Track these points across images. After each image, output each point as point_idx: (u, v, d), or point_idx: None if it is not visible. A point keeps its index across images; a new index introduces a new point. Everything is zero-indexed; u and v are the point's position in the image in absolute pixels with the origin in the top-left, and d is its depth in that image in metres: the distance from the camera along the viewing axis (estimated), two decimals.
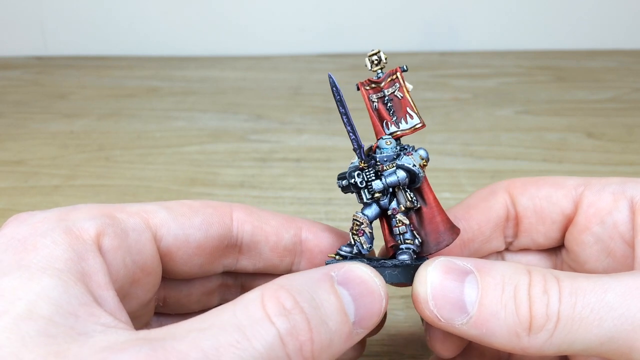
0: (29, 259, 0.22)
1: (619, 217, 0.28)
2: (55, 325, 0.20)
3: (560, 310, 0.23)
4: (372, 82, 0.29)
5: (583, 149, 0.63)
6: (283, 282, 0.22)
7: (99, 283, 0.22)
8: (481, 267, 0.24)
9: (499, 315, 0.23)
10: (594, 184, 0.29)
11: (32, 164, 0.62)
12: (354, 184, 0.27)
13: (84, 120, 0.73)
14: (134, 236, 0.25)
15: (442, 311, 0.24)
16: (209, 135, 0.68)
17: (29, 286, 0.20)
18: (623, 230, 0.28)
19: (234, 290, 0.32)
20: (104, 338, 0.20)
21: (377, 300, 0.24)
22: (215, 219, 0.28)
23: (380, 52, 0.29)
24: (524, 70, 0.87)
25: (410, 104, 0.29)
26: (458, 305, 0.24)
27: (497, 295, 0.23)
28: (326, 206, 0.53)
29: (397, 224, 0.28)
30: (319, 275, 0.23)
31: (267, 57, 0.94)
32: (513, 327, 0.23)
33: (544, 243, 0.31)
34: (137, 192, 0.56)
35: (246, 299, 0.21)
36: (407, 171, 0.27)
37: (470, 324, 0.24)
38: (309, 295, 0.22)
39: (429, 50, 0.95)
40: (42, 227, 0.23)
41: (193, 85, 0.84)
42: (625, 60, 0.89)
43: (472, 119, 0.71)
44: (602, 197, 0.29)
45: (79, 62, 0.94)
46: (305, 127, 0.70)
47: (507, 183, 0.32)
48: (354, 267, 0.24)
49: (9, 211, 0.53)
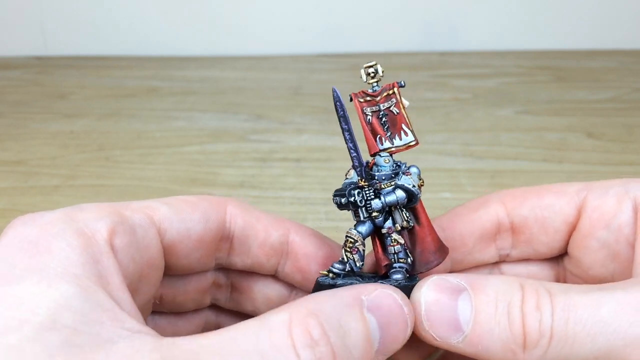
0: (45, 263, 0.21)
1: (623, 219, 0.28)
2: (79, 335, 0.19)
3: (553, 327, 0.23)
4: (367, 95, 0.29)
5: (583, 149, 0.63)
6: (312, 307, 0.22)
7: (116, 285, 0.22)
8: (474, 284, 0.24)
9: (494, 332, 0.23)
10: (596, 188, 0.29)
11: (32, 164, 0.62)
12: (353, 202, 0.27)
13: (84, 120, 0.73)
14: (140, 232, 0.26)
15: (438, 330, 0.24)
16: (209, 135, 0.68)
17: (49, 293, 0.20)
18: (628, 232, 0.28)
19: (225, 289, 0.32)
20: (130, 344, 0.20)
21: (403, 328, 0.24)
22: (213, 212, 0.29)
23: (377, 65, 0.28)
24: (524, 70, 0.87)
25: (405, 120, 0.28)
26: (453, 324, 0.24)
27: (490, 313, 0.24)
28: (326, 206, 0.53)
29: (392, 242, 0.27)
30: (350, 299, 0.23)
31: (267, 57, 0.94)
32: (508, 344, 0.23)
33: (546, 252, 0.31)
34: (137, 192, 0.56)
35: (272, 321, 0.21)
36: (406, 191, 0.27)
37: (466, 342, 0.24)
38: (338, 324, 0.22)
39: (429, 50, 0.94)
40: (53, 229, 0.23)
41: (193, 85, 0.84)
42: (625, 60, 0.89)
43: (472, 119, 0.71)
44: (606, 200, 0.28)
45: (79, 62, 0.94)
46: (305, 127, 0.70)
47: (504, 194, 0.31)
48: (385, 294, 0.24)
49: (9, 211, 0.53)
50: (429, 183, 0.28)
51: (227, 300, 0.32)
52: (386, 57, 0.92)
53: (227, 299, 0.32)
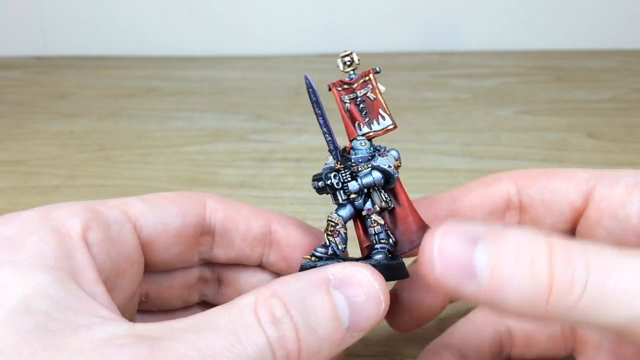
0: (19, 256, 0.22)
1: (632, 210, 0.28)
2: (54, 320, 0.20)
3: (588, 281, 0.21)
4: (345, 84, 0.29)
5: (583, 149, 0.63)
6: (276, 288, 0.22)
7: (89, 280, 0.23)
8: (493, 232, 0.22)
9: (513, 280, 0.21)
10: (607, 177, 0.29)
11: (32, 164, 0.62)
12: (330, 185, 0.28)
13: (84, 120, 0.73)
14: (116, 228, 0.26)
15: (450, 276, 0.22)
16: (209, 135, 0.68)
17: (23, 281, 0.21)
18: (636, 223, 0.28)
19: (212, 284, 0.33)
20: (103, 330, 0.20)
21: (375, 304, 0.24)
22: (191, 207, 0.29)
23: (352, 54, 0.29)
24: (524, 70, 0.87)
25: (382, 105, 0.29)
26: (467, 271, 0.22)
27: (511, 261, 0.22)
28: (326, 206, 0.53)
29: (372, 224, 0.28)
30: (315, 279, 0.23)
31: (267, 57, 0.94)
32: (528, 294, 0.21)
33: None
34: (137, 192, 0.56)
35: (240, 303, 0.22)
36: (383, 172, 0.28)
37: (481, 290, 0.22)
38: (301, 303, 0.22)
39: (429, 50, 0.94)
40: (28, 226, 0.23)
41: (193, 85, 0.84)
42: (625, 60, 0.89)
43: (472, 119, 0.71)
44: (615, 190, 0.28)
45: (79, 62, 0.93)
46: (305, 127, 0.70)
47: (517, 173, 0.31)
48: (353, 271, 0.24)
49: (8, 211, 0.53)
50: (429, 183, 0.28)
51: (216, 294, 0.33)
52: (386, 57, 0.92)
53: (215, 294, 0.33)
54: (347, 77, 0.29)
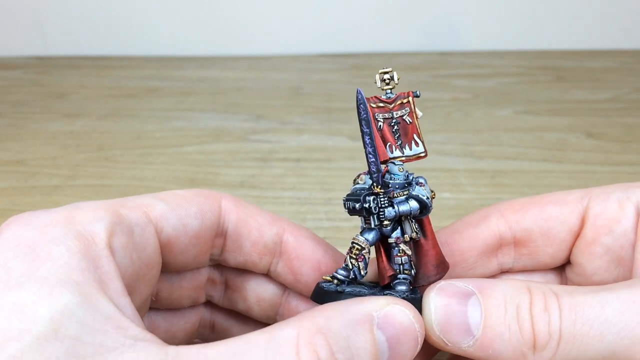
0: (45, 270, 0.21)
1: (627, 224, 0.28)
2: (83, 345, 0.19)
3: (561, 328, 0.23)
4: (380, 101, 0.28)
5: (583, 149, 0.63)
6: (321, 324, 0.22)
7: (116, 290, 0.22)
8: (482, 288, 0.25)
9: (504, 336, 0.24)
10: (597, 194, 0.29)
11: (32, 164, 0.62)
12: (367, 208, 0.27)
13: (84, 120, 0.73)
14: (138, 232, 0.25)
15: (449, 335, 0.24)
16: (209, 135, 0.68)
17: (50, 302, 0.20)
18: (632, 237, 0.28)
19: (219, 287, 0.32)
20: (134, 355, 0.19)
21: (413, 346, 0.24)
22: (208, 207, 0.28)
23: (393, 72, 0.28)
24: (524, 70, 0.87)
25: (417, 130, 0.28)
26: (463, 328, 0.24)
27: (500, 316, 0.24)
28: (326, 206, 0.53)
29: (400, 253, 0.27)
30: (360, 316, 0.23)
31: (267, 57, 0.94)
32: (518, 347, 0.23)
33: (549, 263, 0.31)
34: (137, 192, 0.56)
35: (280, 336, 0.21)
36: (420, 202, 0.27)
37: (477, 346, 0.24)
38: (346, 344, 0.22)
39: (429, 50, 0.94)
40: (51, 232, 0.22)
41: (193, 85, 0.84)
42: (626, 60, 0.89)
43: (472, 119, 0.71)
44: (608, 206, 0.28)
45: (79, 62, 0.94)
46: (305, 127, 0.70)
47: (503, 206, 0.31)
48: (396, 310, 0.24)
49: (9, 211, 0.53)
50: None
51: (221, 297, 0.32)
52: (386, 57, 0.92)
53: (221, 297, 0.32)
54: (384, 95, 0.28)
